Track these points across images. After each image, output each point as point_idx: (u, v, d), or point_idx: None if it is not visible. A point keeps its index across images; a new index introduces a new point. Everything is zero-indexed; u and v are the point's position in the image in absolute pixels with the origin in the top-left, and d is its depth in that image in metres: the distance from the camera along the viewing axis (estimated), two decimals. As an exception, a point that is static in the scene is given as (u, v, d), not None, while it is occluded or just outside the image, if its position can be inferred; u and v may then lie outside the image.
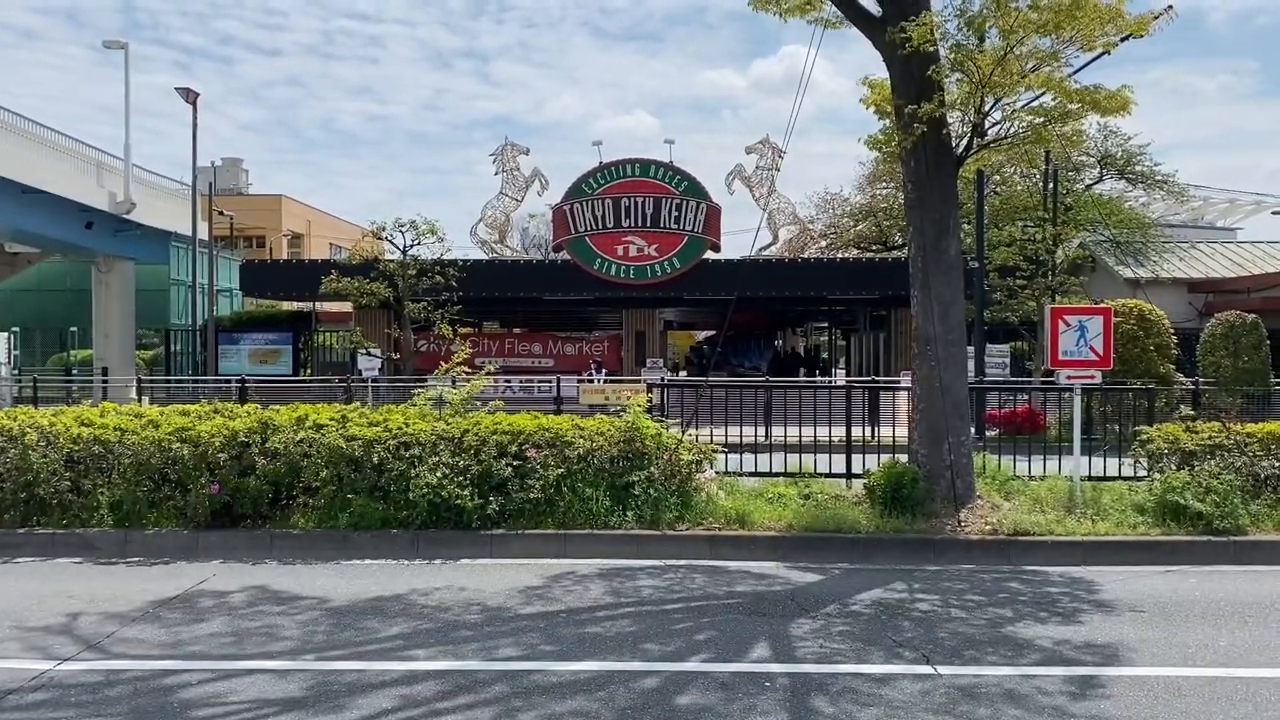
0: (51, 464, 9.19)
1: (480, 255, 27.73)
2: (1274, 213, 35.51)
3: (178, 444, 9.15)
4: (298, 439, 9.21)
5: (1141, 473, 10.41)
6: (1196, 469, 9.43)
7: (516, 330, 34.84)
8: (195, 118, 28.92)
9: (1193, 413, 11.83)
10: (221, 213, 37.60)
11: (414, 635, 6.39)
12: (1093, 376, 10.13)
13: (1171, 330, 20.00)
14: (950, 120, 9.91)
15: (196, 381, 25.13)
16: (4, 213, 25.69)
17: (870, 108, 10.63)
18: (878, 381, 20.85)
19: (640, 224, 25.59)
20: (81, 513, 9.13)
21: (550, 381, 22.99)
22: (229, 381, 22.20)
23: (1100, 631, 6.47)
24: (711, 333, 44.64)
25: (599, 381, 23.36)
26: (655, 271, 25.53)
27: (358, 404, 10.93)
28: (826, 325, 41.71)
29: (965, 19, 9.26)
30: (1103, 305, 12.65)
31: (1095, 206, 31.14)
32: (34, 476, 9.11)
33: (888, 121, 10.63)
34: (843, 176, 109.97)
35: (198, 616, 6.83)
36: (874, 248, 37.10)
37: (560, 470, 9.14)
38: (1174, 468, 9.66)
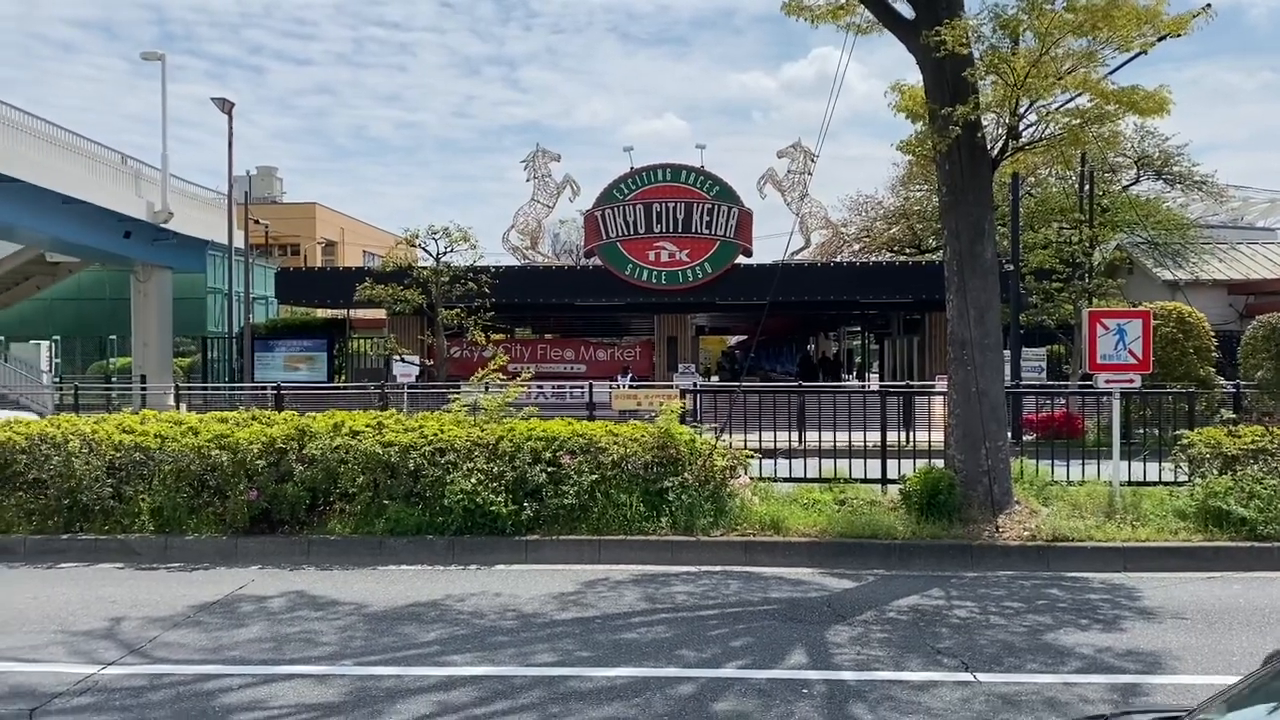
0: (94, 471, 9.34)
1: (512, 261, 27.86)
2: (1316, 213, 34.95)
3: (217, 451, 9.27)
4: (334, 445, 9.29)
5: (1182, 478, 10.26)
6: (1239, 474, 9.27)
7: (548, 336, 34.93)
8: (231, 127, 29.27)
9: (1234, 416, 11.65)
10: (257, 221, 38.02)
11: (451, 641, 6.42)
12: (1132, 380, 10.01)
13: (1211, 333, 19.69)
14: (985, 122, 9.83)
15: (233, 389, 25.41)
16: (45, 222, 26.13)
17: (901, 113, 10.56)
18: (912, 386, 20.73)
19: (672, 229, 25.58)
20: (123, 519, 9.26)
21: (582, 387, 23.01)
22: (265, 388, 22.42)
23: (1143, 639, 6.38)
24: (743, 337, 44.59)
25: (625, 387, 23.35)
26: (687, 277, 25.50)
27: (393, 410, 11.00)
28: (859, 329, 41.48)
29: (1000, 21, 9.18)
30: (1141, 308, 12.50)
31: (1132, 208, 30.76)
32: (77, 483, 9.26)
33: (921, 125, 10.56)
34: (875, 179, 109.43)
35: (238, 621, 6.90)
36: (908, 251, 36.87)
37: (594, 476, 9.15)
38: (1216, 472, 9.50)
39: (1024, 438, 15.65)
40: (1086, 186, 25.98)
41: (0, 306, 37.12)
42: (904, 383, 24.77)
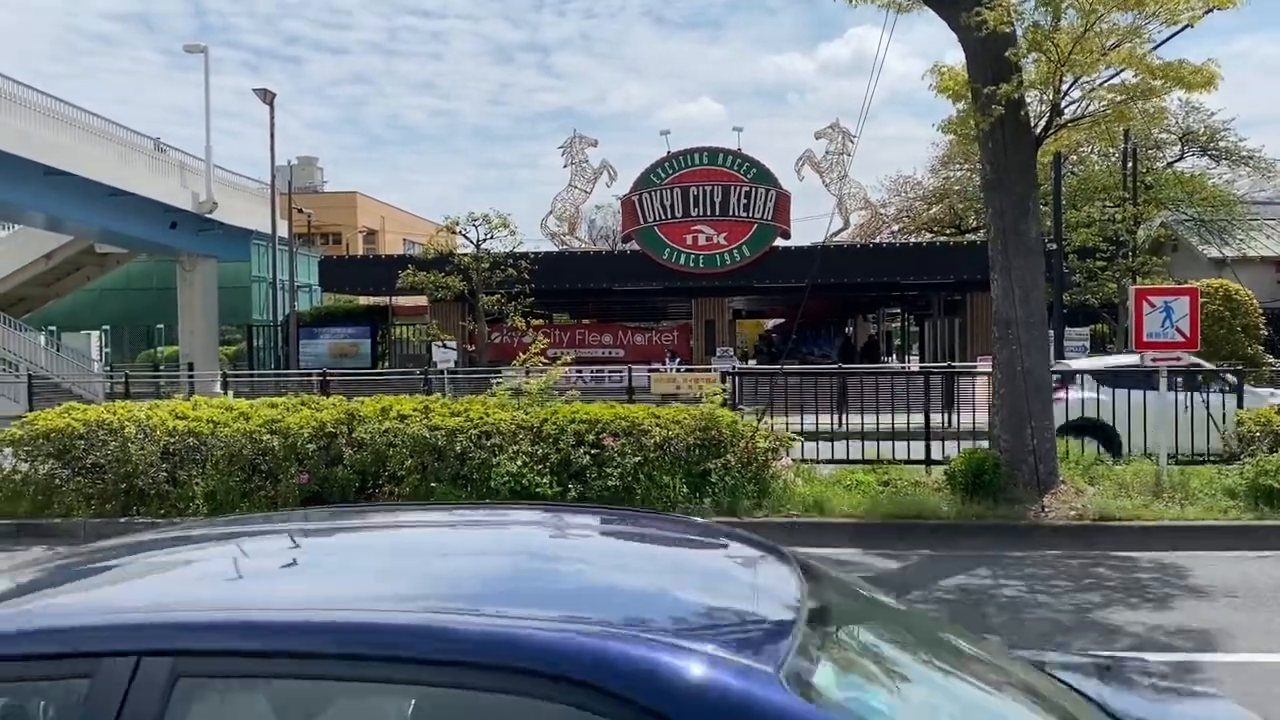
0: (149, 456, 9.55)
1: (550, 247, 27.99)
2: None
3: (268, 435, 9.46)
4: (383, 429, 9.44)
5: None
6: (1291, 452, 9.17)
7: (587, 321, 35.03)
8: (273, 117, 29.64)
9: (1284, 395, 11.49)
10: (300, 210, 38.47)
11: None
12: (1179, 358, 9.92)
13: (1260, 310, 19.40)
14: (1028, 100, 9.75)
15: (279, 375, 25.81)
16: (94, 214, 26.65)
17: (943, 94, 10.47)
18: (954, 367, 20.61)
19: (709, 212, 25.56)
20: (178, 502, 9.46)
21: (621, 371, 23.14)
22: (310, 375, 22.76)
23: (1194, 617, 6.36)
24: (780, 320, 44.40)
25: (674, 370, 23.44)
26: (725, 260, 25.48)
27: (439, 395, 11.15)
28: (899, 311, 41.21)
29: (1042, -2, 9.08)
30: (1188, 286, 12.35)
31: (1177, 185, 30.27)
32: (133, 468, 9.48)
33: (963, 105, 10.48)
34: (915, 159, 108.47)
35: (293, 601, 7.05)
36: (948, 231, 36.54)
37: (637, 458, 9.21)
38: (1266, 451, 9.40)
39: (1068, 418, 15.50)
40: (1130, 164, 25.61)
41: (53, 297, 37.91)
42: (945, 364, 24.62)
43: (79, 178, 24.67)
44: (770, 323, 47.62)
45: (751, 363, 34.18)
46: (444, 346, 22.96)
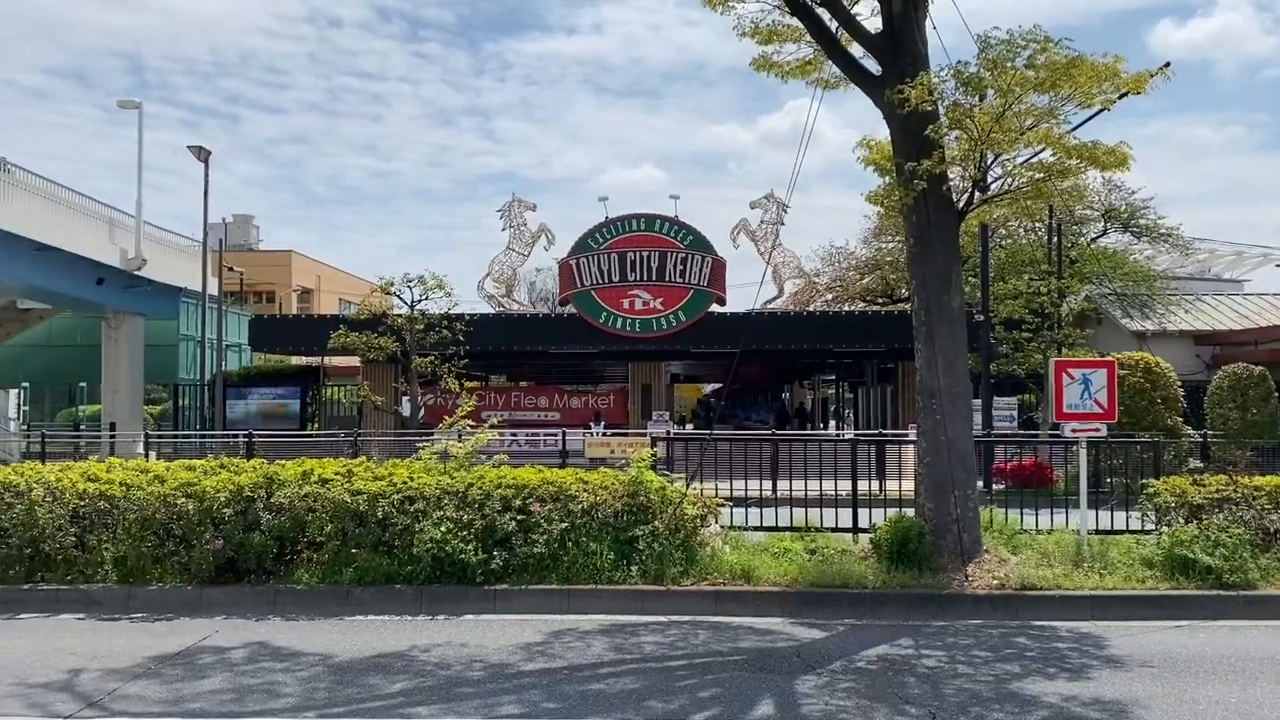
0: (57, 520, 9.20)
1: (487, 309, 27.92)
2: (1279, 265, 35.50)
3: (183, 499, 9.17)
4: (303, 494, 9.22)
5: (1149, 526, 10.34)
6: (1205, 522, 9.35)
7: (523, 384, 34.89)
8: (207, 175, 29.33)
9: (1201, 465, 11.77)
10: (232, 269, 37.93)
11: (415, 692, 6.35)
12: (1098, 429, 10.11)
13: (1178, 383, 19.93)
14: (951, 175, 10.01)
15: (204, 436, 25.19)
16: (18, 269, 25.95)
17: (869, 167, 10.72)
18: (884, 435, 20.82)
19: (646, 278, 25.77)
20: (85, 568, 9.12)
21: (556, 435, 22.98)
22: (236, 436, 22.24)
23: (1109, 687, 6.40)
24: (718, 385, 44.69)
25: (598, 434, 23.36)
26: (661, 325, 25.64)
27: (363, 458, 10.94)
28: (833, 378, 41.71)
29: (962, 79, 9.38)
30: (1108, 358, 12.66)
31: (1100, 260, 31.23)
32: (40, 532, 9.12)
33: (888, 178, 10.74)
34: (847, 229, 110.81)
35: (199, 673, 6.80)
36: (880, 300, 37.20)
37: (564, 524, 9.11)
38: (1182, 521, 9.58)
39: (994, 486, 15.72)
40: (1054, 238, 26.38)
41: (-30, 353, 36.67)
42: (877, 431, 24.88)
43: (3, 232, 24.07)
44: (709, 387, 47.92)
45: (689, 427, 34.25)
46: (409, 400, 22.85)
